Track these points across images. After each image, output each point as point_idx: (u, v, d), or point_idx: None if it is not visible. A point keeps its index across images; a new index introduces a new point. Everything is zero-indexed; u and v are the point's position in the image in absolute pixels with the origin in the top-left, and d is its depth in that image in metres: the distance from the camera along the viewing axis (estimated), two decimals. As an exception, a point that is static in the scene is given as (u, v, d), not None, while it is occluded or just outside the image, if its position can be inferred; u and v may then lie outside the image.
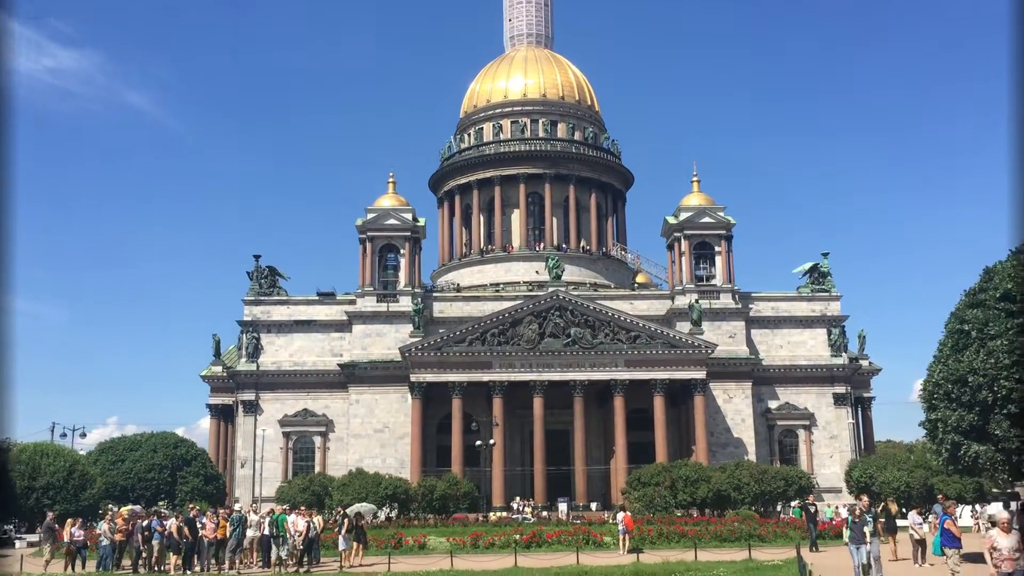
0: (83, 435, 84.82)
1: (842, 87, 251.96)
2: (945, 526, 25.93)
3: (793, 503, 61.53)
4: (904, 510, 43.76)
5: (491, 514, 66.50)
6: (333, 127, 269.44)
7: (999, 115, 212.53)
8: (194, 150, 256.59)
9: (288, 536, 35.91)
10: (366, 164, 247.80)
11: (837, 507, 67.24)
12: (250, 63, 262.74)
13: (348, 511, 47.54)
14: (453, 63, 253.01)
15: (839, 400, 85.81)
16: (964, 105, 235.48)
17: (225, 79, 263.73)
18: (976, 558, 26.38)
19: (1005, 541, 19.14)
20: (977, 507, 56.22)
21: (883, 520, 34.62)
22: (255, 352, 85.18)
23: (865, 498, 29.64)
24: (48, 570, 36.73)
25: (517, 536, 45.18)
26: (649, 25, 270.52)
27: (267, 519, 36.89)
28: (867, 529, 27.47)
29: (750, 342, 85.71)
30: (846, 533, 27.53)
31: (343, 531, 38.48)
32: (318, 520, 38.99)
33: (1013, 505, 47.50)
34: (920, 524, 34.83)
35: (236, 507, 45.75)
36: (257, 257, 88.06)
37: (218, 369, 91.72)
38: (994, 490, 65.66)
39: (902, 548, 35.08)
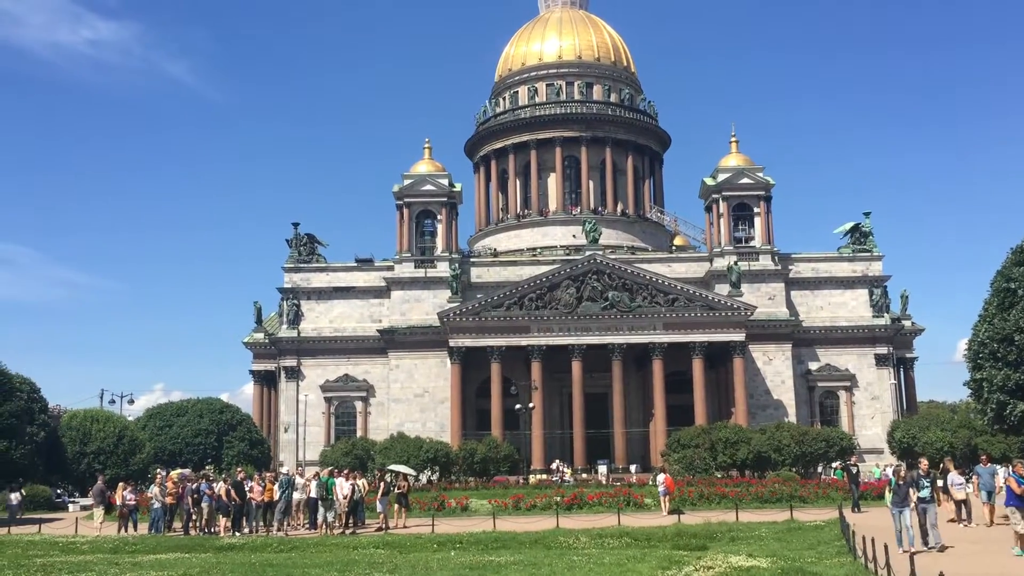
0: (131, 401, 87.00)
1: (882, 44, 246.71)
2: (1007, 483, 25.56)
3: (834, 464, 61.27)
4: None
5: (531, 477, 67.02)
6: (369, 93, 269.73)
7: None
8: (232, 119, 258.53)
9: (335, 499, 36.45)
10: (402, 130, 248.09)
11: (885, 467, 66.70)
12: (285, 31, 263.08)
13: (386, 474, 48.24)
14: (488, 26, 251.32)
15: (881, 361, 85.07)
16: (1011, 62, 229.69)
17: (261, 48, 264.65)
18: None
19: None
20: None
21: (941, 482, 34.24)
22: (296, 319, 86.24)
23: (924, 462, 29.03)
24: (102, 532, 37.71)
25: (558, 498, 45.47)
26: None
27: (314, 482, 37.48)
28: (924, 494, 27.09)
29: (790, 303, 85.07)
30: (888, 496, 27.23)
31: (379, 493, 38.97)
32: (362, 483, 39.58)
33: None
34: (960, 485, 34.49)
35: (284, 470, 46.51)
36: (296, 225, 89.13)
37: (260, 336, 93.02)
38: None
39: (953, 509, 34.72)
